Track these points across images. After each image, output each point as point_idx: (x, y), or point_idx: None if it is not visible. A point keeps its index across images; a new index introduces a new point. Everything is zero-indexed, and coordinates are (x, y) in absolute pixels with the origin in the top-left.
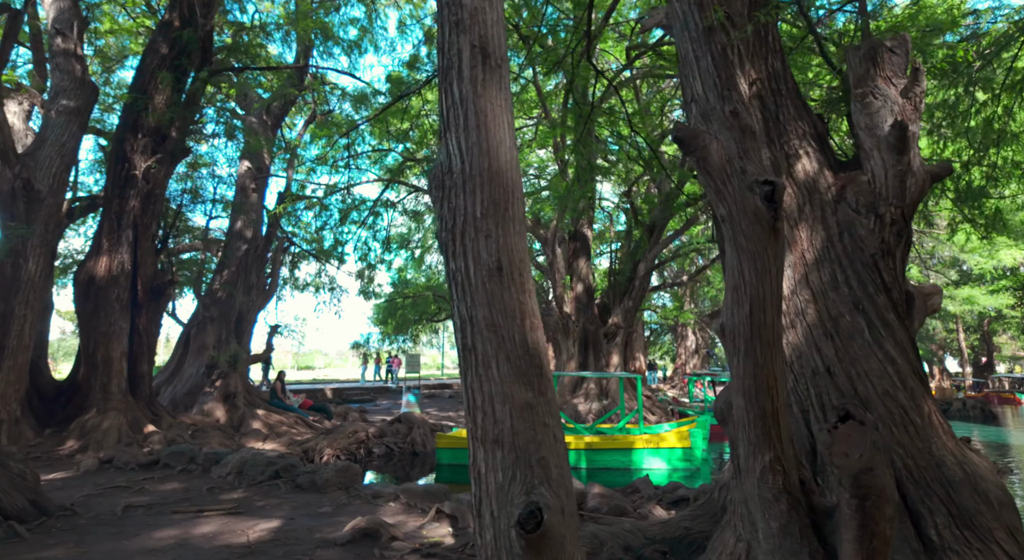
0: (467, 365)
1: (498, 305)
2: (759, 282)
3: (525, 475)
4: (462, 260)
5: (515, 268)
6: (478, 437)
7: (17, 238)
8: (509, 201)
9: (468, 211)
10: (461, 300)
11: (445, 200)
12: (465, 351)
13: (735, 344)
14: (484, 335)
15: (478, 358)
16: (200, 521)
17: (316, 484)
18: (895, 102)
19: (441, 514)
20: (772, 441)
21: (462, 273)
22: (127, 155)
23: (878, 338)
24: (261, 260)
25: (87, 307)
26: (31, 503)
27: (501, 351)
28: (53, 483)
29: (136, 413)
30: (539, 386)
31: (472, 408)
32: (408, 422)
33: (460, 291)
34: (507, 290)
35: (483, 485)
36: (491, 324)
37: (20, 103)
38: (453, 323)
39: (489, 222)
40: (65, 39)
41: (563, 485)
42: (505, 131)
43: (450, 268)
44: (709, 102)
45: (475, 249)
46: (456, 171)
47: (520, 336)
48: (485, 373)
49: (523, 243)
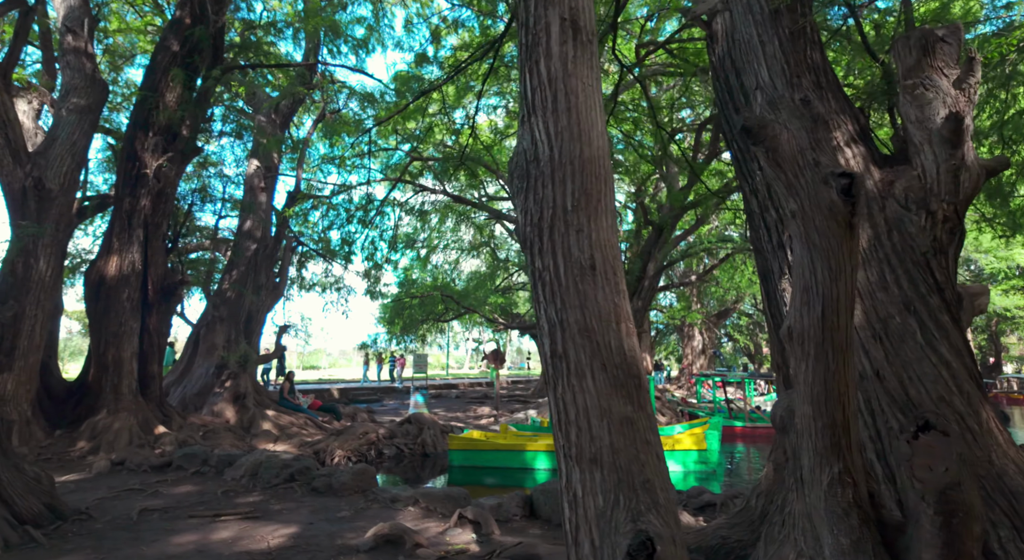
0: (557, 374)
1: (591, 308)
2: (833, 282)
3: (629, 500)
4: (550, 258)
5: (609, 266)
6: (572, 456)
7: (28, 237)
8: (602, 192)
9: (557, 203)
10: (550, 302)
11: (530, 191)
12: (555, 359)
13: (804, 348)
14: (577, 341)
15: (570, 367)
16: (218, 526)
17: (333, 487)
18: (948, 93)
19: (464, 520)
20: (842, 451)
21: (550, 272)
22: (138, 153)
23: (931, 341)
24: (270, 259)
25: (98, 307)
26: (47, 507)
27: (596, 359)
28: (66, 485)
29: (147, 414)
30: (638, 399)
31: (564, 423)
32: (418, 423)
33: (548, 292)
34: (601, 291)
35: (580, 510)
36: (584, 329)
37: (30, 102)
38: (539, 328)
39: (580, 215)
40: (76, 37)
41: (671, 511)
42: (597, 113)
43: (535, 267)
44: (776, 90)
45: (565, 246)
46: (543, 159)
47: (616, 342)
48: (579, 384)
49: (616, 239)
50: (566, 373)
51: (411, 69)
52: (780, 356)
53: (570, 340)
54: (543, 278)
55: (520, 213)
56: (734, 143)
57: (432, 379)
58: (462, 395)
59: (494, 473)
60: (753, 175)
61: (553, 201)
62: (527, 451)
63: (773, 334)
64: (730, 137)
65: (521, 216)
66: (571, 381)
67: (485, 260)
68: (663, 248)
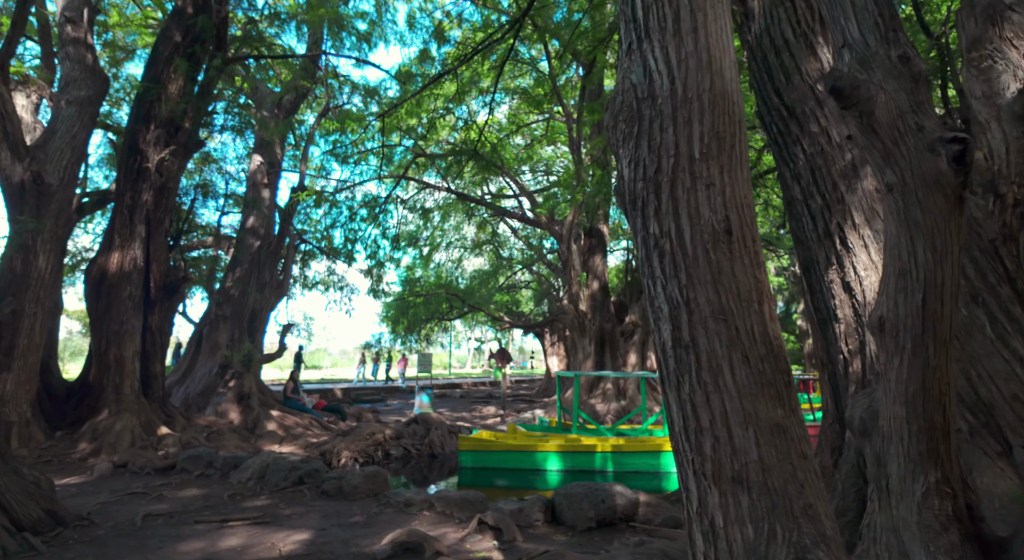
0: (682, 369)
1: (727, 283)
2: (937, 265)
3: (789, 531)
4: (671, 221)
5: (747, 230)
6: (707, 474)
7: (27, 233)
8: (736, 136)
9: (681, 151)
10: (671, 278)
11: (643, 138)
12: (678, 349)
13: (898, 341)
14: (709, 327)
15: (700, 359)
16: (225, 532)
17: (343, 491)
18: (1019, 66)
19: (484, 526)
20: (940, 458)
21: (671, 240)
22: (139, 147)
23: (1002, 334)
24: (274, 257)
25: (99, 305)
26: (46, 513)
27: (735, 349)
28: (67, 489)
29: (149, 415)
30: (789, 400)
31: (693, 431)
32: (425, 423)
33: (668, 265)
34: (738, 261)
35: (722, 543)
36: (718, 310)
37: (28, 96)
38: (653, 312)
39: (711, 165)
40: (75, 27)
41: (839, 544)
42: (727, 37)
43: (649, 233)
44: (869, 46)
45: (692, 204)
46: (661, 94)
47: (760, 327)
48: (713, 381)
49: (751, 196)
50: (695, 368)
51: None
52: (825, 353)
53: (700, 325)
54: (661, 247)
55: (626, 166)
56: (773, 126)
57: (436, 378)
58: (466, 395)
59: (506, 474)
60: (795, 159)
61: (675, 148)
62: (539, 452)
63: (816, 330)
64: (768, 120)
65: (628, 170)
66: (703, 377)
67: (488, 258)
68: None
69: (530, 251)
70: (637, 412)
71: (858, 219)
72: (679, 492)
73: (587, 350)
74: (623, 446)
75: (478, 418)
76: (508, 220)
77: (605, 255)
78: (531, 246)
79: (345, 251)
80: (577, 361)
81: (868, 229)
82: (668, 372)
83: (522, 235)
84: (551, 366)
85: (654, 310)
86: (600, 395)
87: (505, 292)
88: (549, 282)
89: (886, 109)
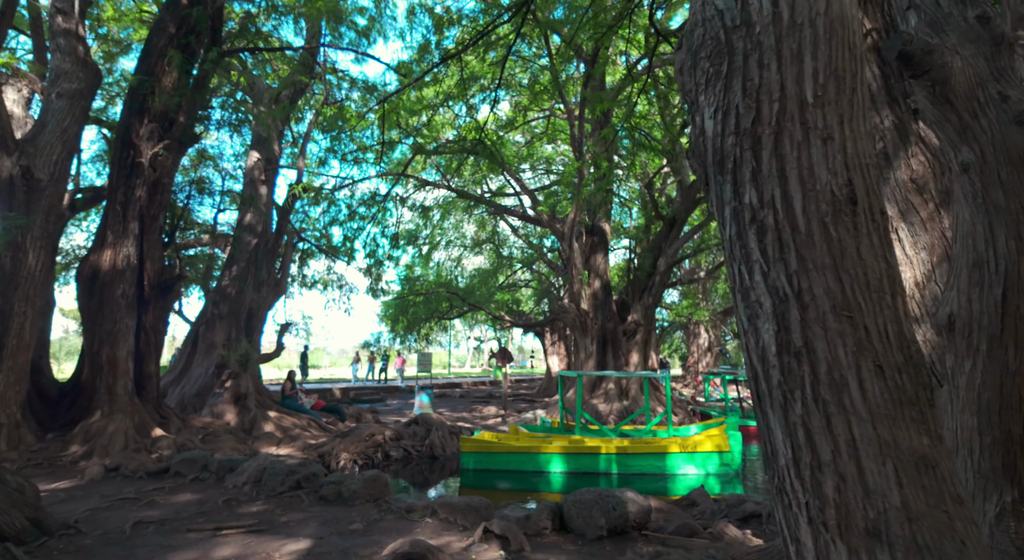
0: (791, 383)
1: (852, 269)
2: (1021, 255)
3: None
4: (775, 185)
5: (873, 200)
6: (831, 524)
7: (16, 230)
8: (858, 76)
9: (788, 93)
10: (776, 261)
11: (735, 77)
12: (785, 356)
13: (971, 342)
14: (829, 326)
15: (818, 370)
16: (219, 542)
17: (342, 496)
18: None
19: (489, 534)
20: (1017, 475)
21: (775, 209)
22: (132, 141)
23: None
24: (272, 255)
25: (91, 304)
26: (30, 521)
27: (865, 356)
28: (56, 494)
29: (143, 416)
30: (934, 425)
31: (809, 466)
32: (426, 424)
33: (773, 244)
34: (865, 240)
35: None
36: (841, 304)
37: (19, 90)
38: (746, 307)
39: (829, 113)
40: (66, 18)
41: None
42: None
43: (745, 202)
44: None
45: (803, 164)
46: (761, 20)
47: (895, 327)
48: (835, 399)
49: (875, 155)
50: (810, 381)
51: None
52: None
53: (817, 324)
54: (761, 221)
55: (710, 117)
56: None
57: (435, 378)
58: (466, 394)
59: (508, 476)
60: None
61: (780, 90)
62: (542, 454)
63: None
64: None
65: (713, 121)
66: (821, 394)
67: (488, 257)
68: (673, 243)
69: (530, 250)
70: (640, 412)
71: (891, 212)
72: (690, 497)
73: (589, 349)
74: (628, 448)
75: (479, 418)
76: (508, 218)
77: (607, 253)
78: (531, 245)
79: (344, 249)
80: (579, 361)
81: (902, 222)
82: (770, 387)
83: (522, 233)
84: (552, 365)
85: (748, 305)
86: (602, 395)
87: (505, 291)
88: (549, 281)
89: (963, 77)
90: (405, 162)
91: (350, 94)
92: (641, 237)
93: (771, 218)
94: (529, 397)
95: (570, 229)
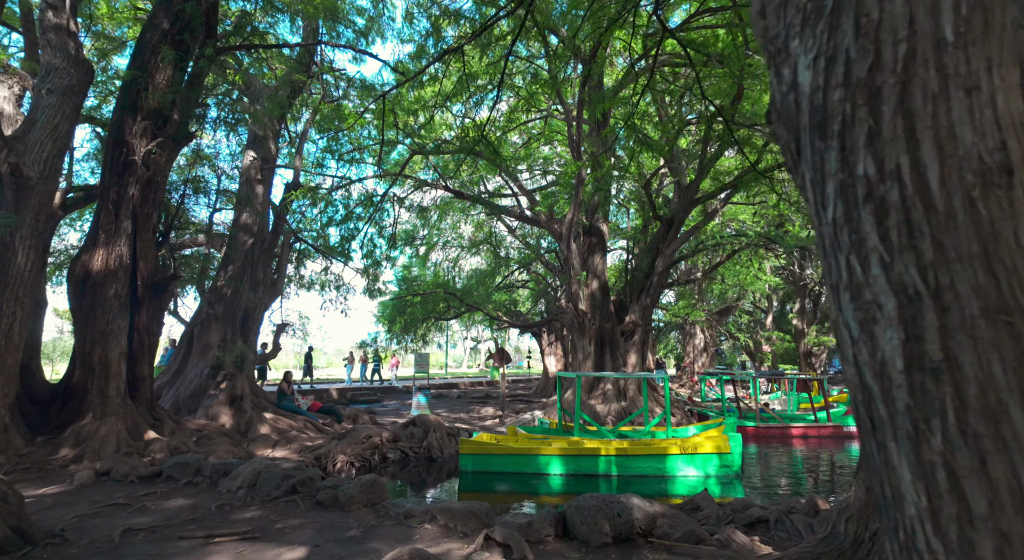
0: (925, 410)
1: (1008, 259)
2: None
3: None
4: (900, 151)
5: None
6: None
7: (4, 228)
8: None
9: (920, 30)
10: (904, 249)
11: (845, 12)
12: (917, 373)
13: None
14: (980, 334)
15: (965, 393)
16: (211, 550)
17: (339, 501)
18: None
19: (491, 542)
20: None
21: (900, 181)
22: (125, 139)
23: None
24: (268, 255)
25: (83, 304)
26: (14, 530)
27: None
28: (43, 500)
29: (136, 418)
30: None
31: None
32: (423, 425)
33: (897, 227)
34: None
35: None
36: (996, 306)
37: (10, 87)
38: (856, 310)
39: (974, 56)
40: (57, 13)
41: None
42: None
43: (858, 173)
44: None
45: (939, 121)
46: None
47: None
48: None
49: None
50: (953, 406)
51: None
52: None
53: (962, 331)
54: (881, 197)
55: (807, 67)
56: None
57: (432, 378)
58: (464, 395)
59: (508, 479)
60: None
61: (909, 27)
62: (541, 456)
63: None
64: None
65: (812, 71)
66: (968, 423)
67: (486, 258)
68: (671, 243)
69: (527, 250)
70: (639, 413)
71: None
72: (693, 501)
73: (587, 350)
74: (627, 449)
75: (476, 419)
76: (505, 219)
77: (605, 254)
78: (528, 245)
79: (341, 250)
80: (577, 361)
81: None
82: (891, 413)
83: (519, 234)
84: (549, 366)
85: (859, 307)
86: (600, 396)
87: (503, 291)
88: (546, 281)
89: None
90: (403, 162)
91: (348, 93)
92: (639, 238)
93: (896, 193)
94: (526, 398)
95: (568, 229)
